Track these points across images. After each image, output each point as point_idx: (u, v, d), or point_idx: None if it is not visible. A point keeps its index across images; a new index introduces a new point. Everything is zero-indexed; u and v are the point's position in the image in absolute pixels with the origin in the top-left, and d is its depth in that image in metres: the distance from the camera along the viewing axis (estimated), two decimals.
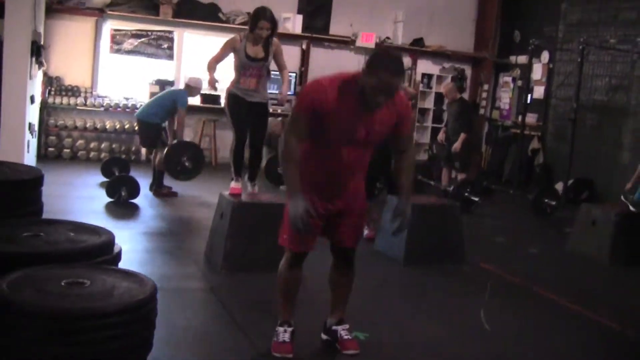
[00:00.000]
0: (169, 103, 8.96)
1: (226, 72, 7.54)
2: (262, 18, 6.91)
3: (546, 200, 10.17)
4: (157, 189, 9.02)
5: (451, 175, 10.91)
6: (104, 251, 2.82)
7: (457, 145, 10.22)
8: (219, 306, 5.03)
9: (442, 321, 5.16)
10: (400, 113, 3.94)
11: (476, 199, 9.80)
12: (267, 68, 7.17)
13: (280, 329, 4.23)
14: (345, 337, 4.34)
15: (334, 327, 4.39)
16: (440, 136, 11.08)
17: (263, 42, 7.01)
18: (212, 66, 7.18)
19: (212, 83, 7.17)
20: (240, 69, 7.06)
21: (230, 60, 7.22)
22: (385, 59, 3.74)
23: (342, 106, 3.75)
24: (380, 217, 7.10)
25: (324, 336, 4.47)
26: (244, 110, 7.12)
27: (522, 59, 12.84)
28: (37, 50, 8.71)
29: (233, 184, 6.75)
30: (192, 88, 9.24)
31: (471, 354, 4.53)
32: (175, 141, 9.04)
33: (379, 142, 4.14)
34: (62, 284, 2.41)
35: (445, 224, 6.86)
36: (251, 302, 5.03)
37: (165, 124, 9.14)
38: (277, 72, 7.54)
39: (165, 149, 8.94)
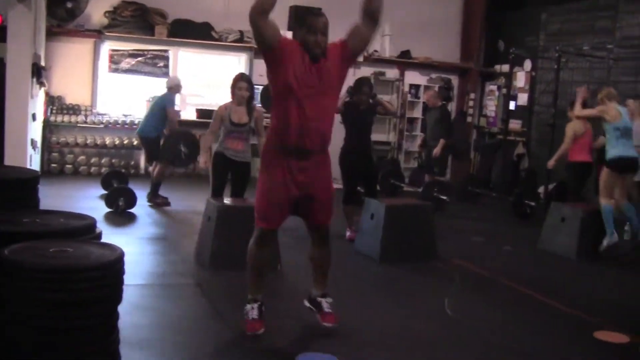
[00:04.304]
0: (158, 110, 9.63)
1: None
2: (240, 79, 7.26)
3: (526, 202, 10.60)
4: (152, 198, 9.53)
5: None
6: (87, 231, 3.42)
7: (437, 151, 10.54)
8: (203, 298, 5.54)
9: (408, 308, 5.64)
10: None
11: (445, 197, 10.41)
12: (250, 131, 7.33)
13: (249, 307, 4.69)
14: (327, 310, 4.82)
15: (318, 299, 4.88)
16: (420, 143, 11.85)
17: (246, 106, 7.20)
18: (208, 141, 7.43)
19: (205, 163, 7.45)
20: (227, 133, 7.20)
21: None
22: (303, 13, 4.36)
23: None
24: (360, 218, 7.58)
25: (306, 304, 4.96)
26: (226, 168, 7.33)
27: (506, 67, 13.27)
28: (38, 71, 9.27)
29: None
30: (172, 87, 9.88)
31: (431, 336, 4.98)
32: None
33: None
34: (51, 250, 2.98)
35: (417, 224, 7.29)
36: (232, 294, 5.49)
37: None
38: None
39: (162, 140, 9.63)
